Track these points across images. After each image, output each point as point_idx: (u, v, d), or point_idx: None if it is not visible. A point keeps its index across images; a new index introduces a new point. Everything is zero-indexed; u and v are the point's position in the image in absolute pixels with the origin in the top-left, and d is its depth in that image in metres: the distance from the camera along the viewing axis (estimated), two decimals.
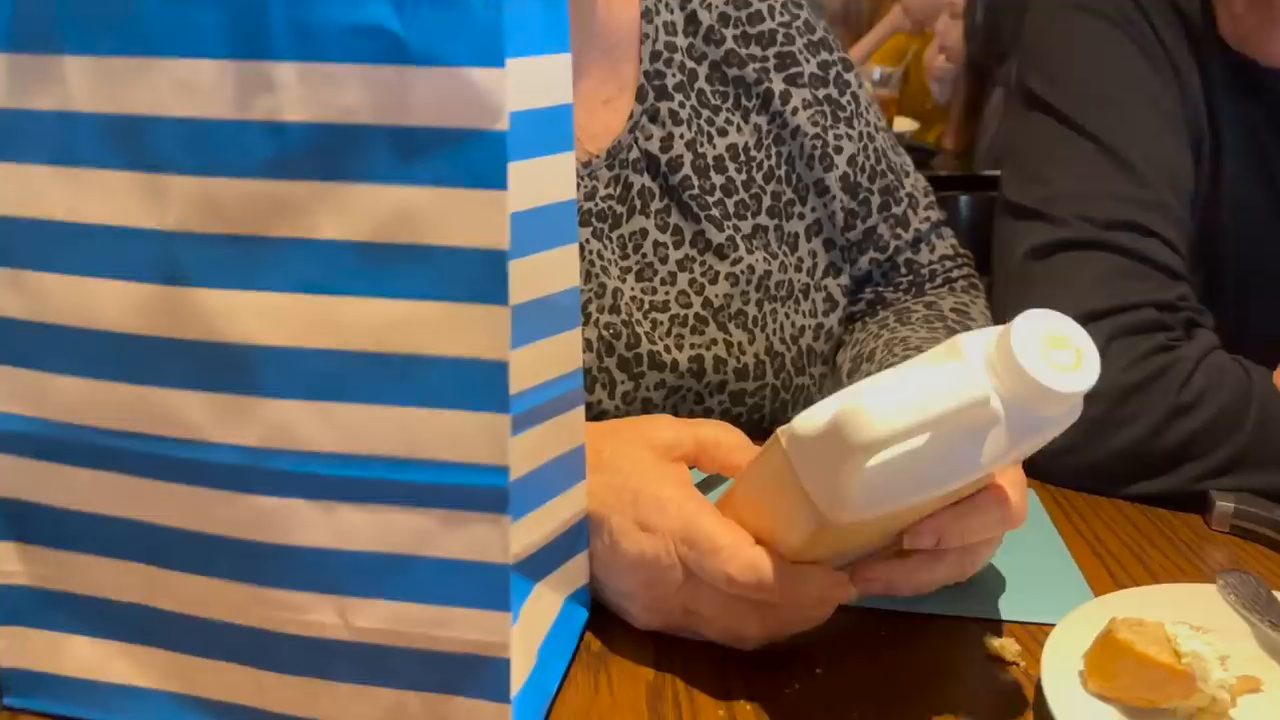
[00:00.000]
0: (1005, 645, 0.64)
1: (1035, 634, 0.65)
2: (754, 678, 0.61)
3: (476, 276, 0.48)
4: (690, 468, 0.65)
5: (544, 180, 0.52)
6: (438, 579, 0.51)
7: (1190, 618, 0.59)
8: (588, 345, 0.83)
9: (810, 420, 0.52)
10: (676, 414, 0.86)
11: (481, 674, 0.52)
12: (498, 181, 0.47)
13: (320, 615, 0.53)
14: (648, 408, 0.86)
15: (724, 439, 0.65)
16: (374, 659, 0.53)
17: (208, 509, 0.53)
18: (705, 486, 0.67)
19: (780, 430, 0.55)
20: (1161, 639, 0.57)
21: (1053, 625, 0.62)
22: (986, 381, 0.50)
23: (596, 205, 0.86)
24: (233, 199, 0.49)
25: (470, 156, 0.47)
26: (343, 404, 0.50)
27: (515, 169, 0.48)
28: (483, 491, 0.50)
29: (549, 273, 0.54)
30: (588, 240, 0.85)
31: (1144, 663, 0.56)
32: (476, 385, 0.49)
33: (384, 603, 0.52)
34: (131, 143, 0.50)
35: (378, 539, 0.51)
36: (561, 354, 0.56)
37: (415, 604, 0.52)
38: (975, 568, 0.64)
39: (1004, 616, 0.68)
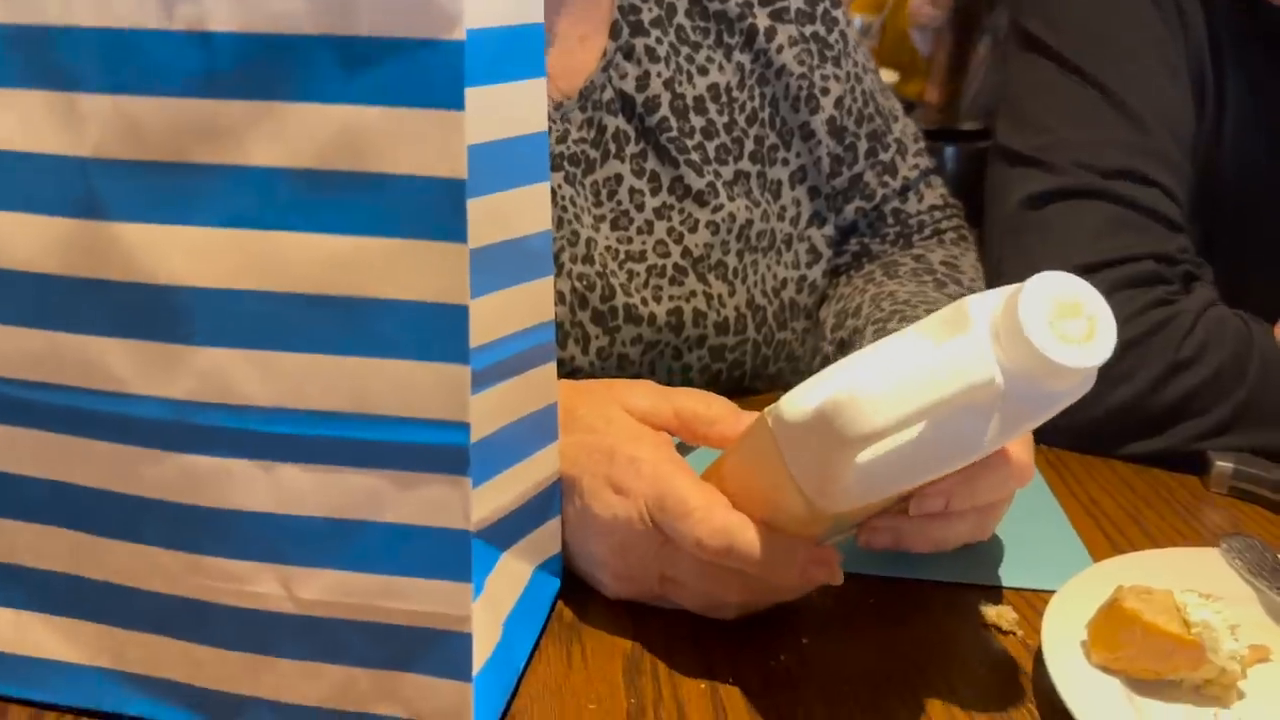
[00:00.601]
0: (1002, 614, 0.61)
1: (1032, 601, 0.62)
2: (738, 649, 0.57)
3: (431, 209, 0.42)
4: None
5: (510, 109, 0.46)
6: (391, 546, 0.46)
7: (1194, 583, 0.56)
8: (560, 298, 0.78)
9: (798, 406, 0.47)
10: (654, 371, 0.81)
11: (440, 650, 0.47)
12: (453, 100, 0.41)
13: (261, 585, 0.47)
14: (624, 364, 0.80)
15: (703, 411, 0.59)
16: (320, 633, 0.47)
17: (135, 469, 0.47)
18: (682, 450, 0.61)
19: (766, 411, 0.49)
20: (1170, 608, 0.54)
21: (1050, 592, 0.59)
22: (991, 360, 0.44)
23: (569, 149, 0.80)
24: (155, 121, 0.43)
25: (423, 71, 0.41)
26: (282, 353, 0.44)
27: (477, 94, 0.43)
28: (440, 450, 0.45)
29: (517, 213, 0.48)
30: (560, 185, 0.79)
31: (1151, 633, 0.53)
32: (432, 332, 0.43)
33: (331, 572, 0.46)
34: (41, 57, 0.44)
35: (324, 503, 0.46)
36: (531, 303, 0.51)
37: (366, 573, 0.46)
38: (993, 526, 0.60)
39: (999, 583, 0.64)
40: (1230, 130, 0.90)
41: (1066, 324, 0.44)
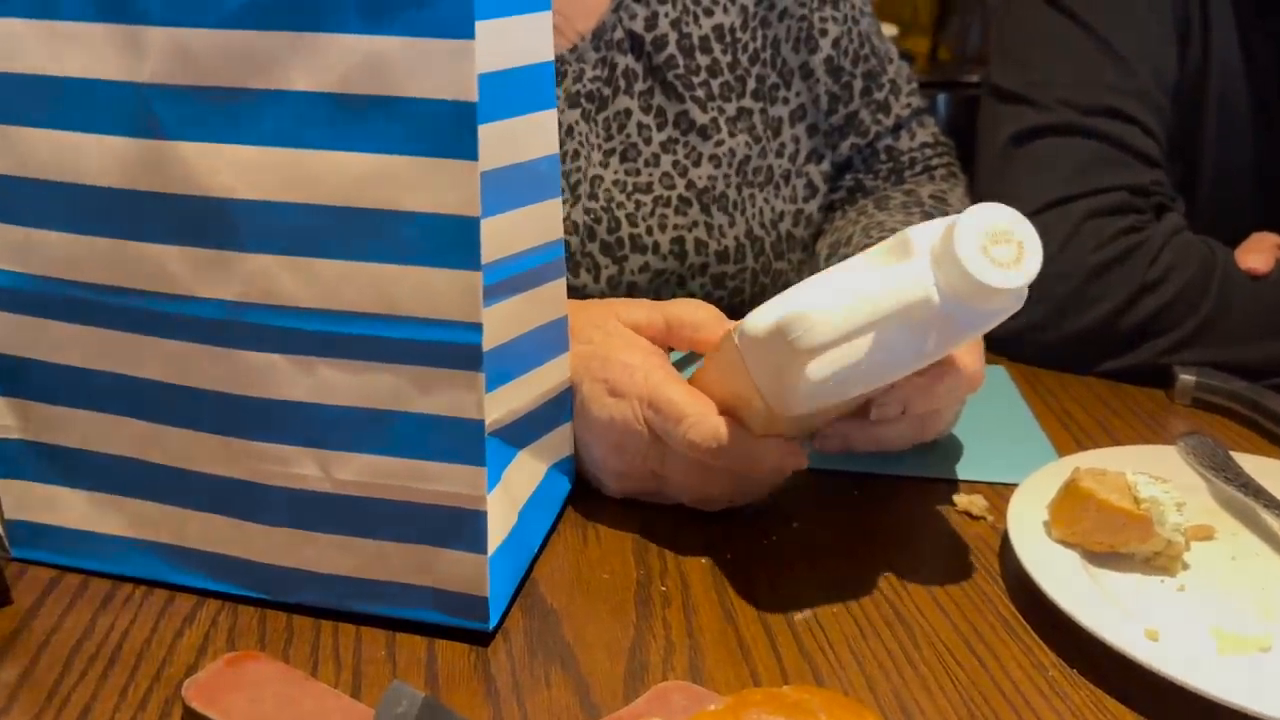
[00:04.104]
0: (973, 501, 0.64)
1: (1003, 493, 0.64)
2: (734, 531, 0.61)
3: (445, 130, 0.45)
4: (669, 350, 0.63)
5: (519, 41, 0.49)
6: (415, 434, 0.49)
7: (1149, 472, 0.58)
8: (573, 228, 0.81)
9: (758, 321, 0.50)
10: (659, 297, 0.84)
11: (460, 526, 0.50)
12: (465, 30, 0.43)
13: (303, 468, 0.51)
14: (632, 291, 0.83)
15: (690, 318, 0.62)
16: (355, 510, 0.51)
17: (192, 363, 0.51)
18: (681, 366, 0.65)
19: (733, 327, 0.53)
20: (1122, 487, 0.57)
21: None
22: (929, 282, 0.48)
23: (584, 87, 0.82)
24: (207, 50, 0.46)
25: (438, 5, 0.43)
26: (318, 259, 0.48)
27: (487, 26, 0.45)
28: (457, 349, 0.48)
29: (525, 138, 0.51)
30: (577, 123, 0.82)
31: (1104, 509, 0.55)
32: (448, 241, 0.46)
33: (364, 456, 0.50)
34: None
35: (356, 394, 0.49)
36: (541, 223, 0.54)
37: (395, 458, 0.50)
38: (937, 429, 0.63)
39: (973, 478, 0.67)
40: (1215, 72, 0.90)
41: (998, 249, 0.47)
